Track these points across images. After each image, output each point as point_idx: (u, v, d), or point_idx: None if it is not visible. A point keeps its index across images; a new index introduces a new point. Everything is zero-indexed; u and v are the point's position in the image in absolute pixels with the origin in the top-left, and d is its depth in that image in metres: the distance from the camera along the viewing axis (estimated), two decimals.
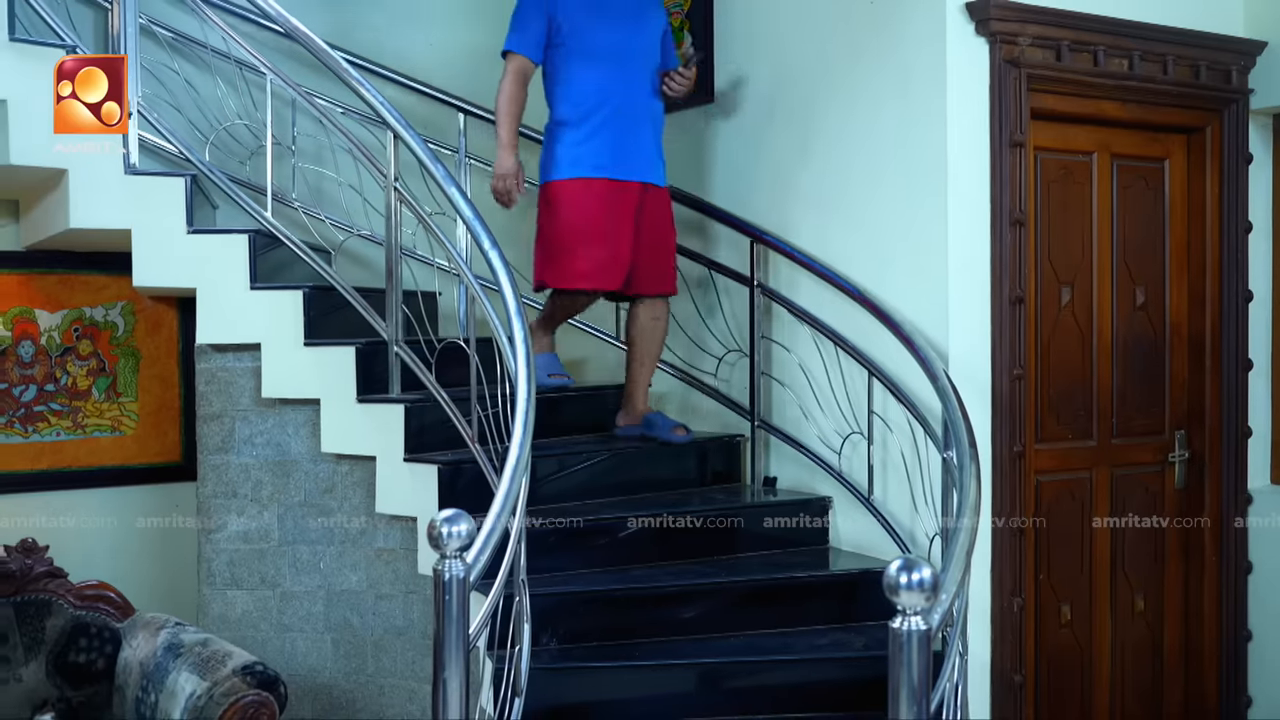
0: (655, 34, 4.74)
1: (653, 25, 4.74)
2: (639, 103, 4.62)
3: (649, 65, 4.68)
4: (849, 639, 4.08)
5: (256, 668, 3.16)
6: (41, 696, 3.50)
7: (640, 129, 4.60)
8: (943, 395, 3.92)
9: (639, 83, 4.63)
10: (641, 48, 4.67)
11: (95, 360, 5.20)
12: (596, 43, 4.55)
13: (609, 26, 4.58)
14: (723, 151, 5.18)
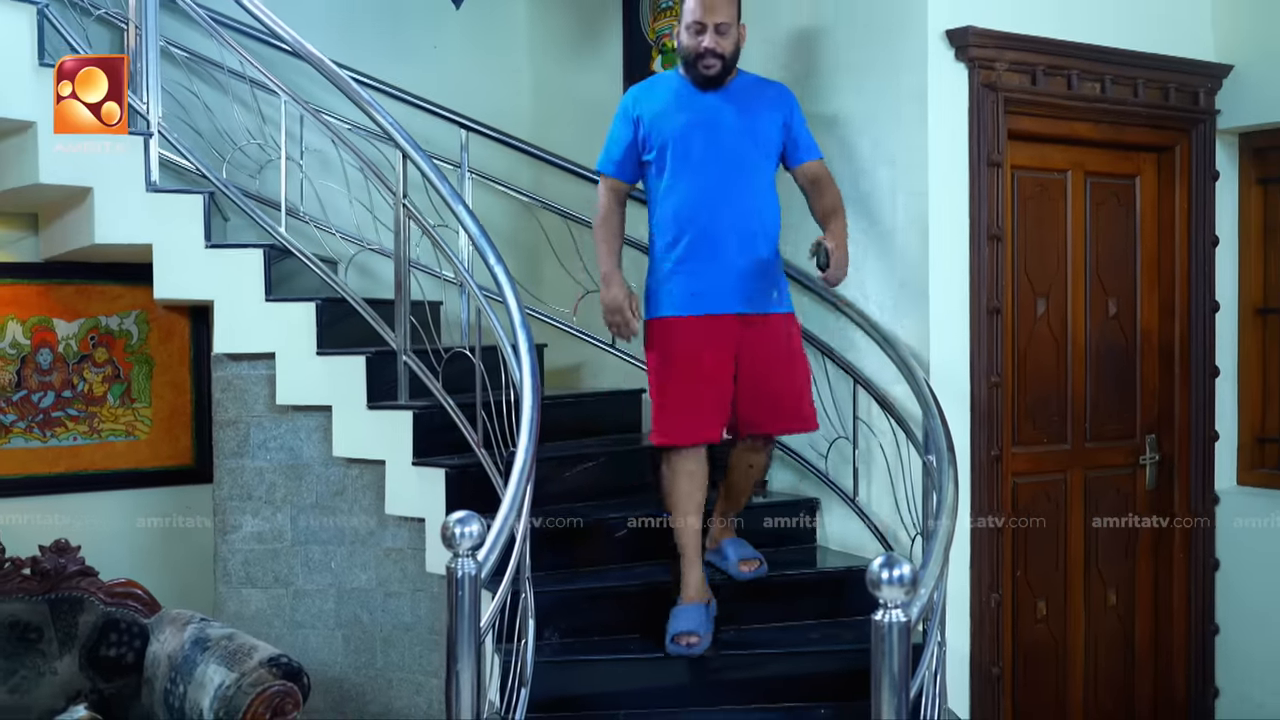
0: (765, 134, 4.09)
1: (762, 123, 4.09)
2: (735, 220, 4.01)
3: (753, 172, 4.06)
4: (837, 632, 4.29)
5: (281, 660, 3.37)
6: (75, 688, 3.70)
7: (734, 251, 4.00)
8: (923, 402, 4.14)
9: (737, 195, 4.02)
10: (741, 152, 4.04)
11: (110, 367, 5.39)
12: (681, 151, 4.01)
13: (698, 130, 4.02)
14: None
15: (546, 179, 5.92)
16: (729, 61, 4.02)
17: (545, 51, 6.31)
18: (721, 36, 3.96)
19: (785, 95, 4.18)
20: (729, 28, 3.98)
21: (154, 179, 4.49)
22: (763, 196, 4.08)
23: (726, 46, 3.98)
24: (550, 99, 6.28)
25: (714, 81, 4.02)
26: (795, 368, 4.16)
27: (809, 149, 4.17)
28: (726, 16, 3.97)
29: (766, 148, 4.09)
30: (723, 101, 4.05)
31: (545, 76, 6.32)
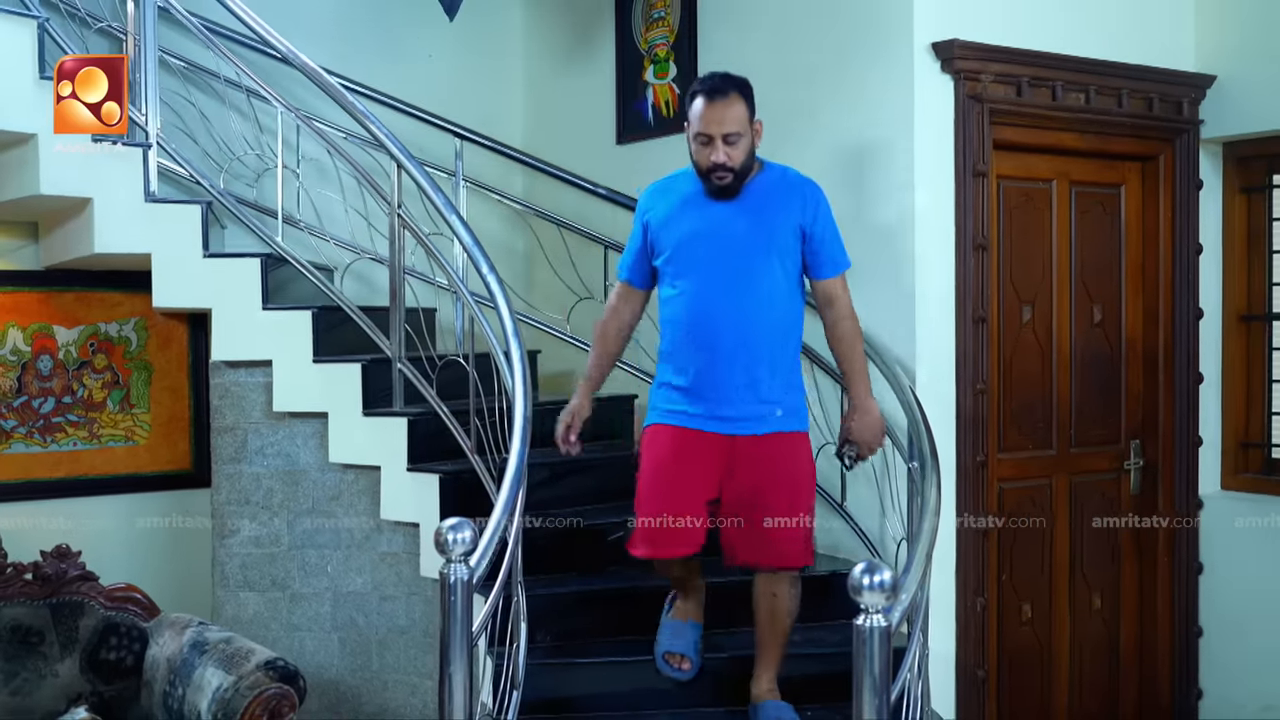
0: (781, 240, 3.68)
1: (778, 228, 3.69)
2: (734, 335, 3.65)
3: (763, 283, 3.67)
4: (822, 635, 4.33)
5: (278, 663, 3.44)
6: (76, 691, 3.76)
7: (730, 366, 3.66)
8: (908, 409, 4.21)
9: (740, 308, 3.65)
10: (749, 262, 3.66)
11: (110, 374, 5.46)
12: (685, 259, 3.72)
13: (703, 239, 3.69)
14: None
15: (539, 186, 5.99)
16: (744, 170, 3.65)
17: (539, 60, 6.38)
18: (731, 147, 3.59)
19: (809, 198, 3.71)
20: (739, 137, 3.59)
21: (152, 189, 4.56)
22: (773, 309, 3.68)
23: (737, 157, 3.61)
24: (543, 107, 6.35)
25: (727, 192, 3.67)
26: (795, 497, 3.73)
27: (828, 264, 3.72)
28: (736, 125, 3.59)
29: (783, 256, 3.67)
30: (735, 207, 3.68)
31: (538, 85, 6.38)
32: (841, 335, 3.75)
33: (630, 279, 3.95)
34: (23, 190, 4.45)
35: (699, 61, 5.46)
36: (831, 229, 3.73)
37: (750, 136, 3.64)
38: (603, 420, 5.41)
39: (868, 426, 3.72)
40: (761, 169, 3.75)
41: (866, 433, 3.70)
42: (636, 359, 5.40)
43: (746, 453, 3.70)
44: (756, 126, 3.68)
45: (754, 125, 3.67)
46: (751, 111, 3.66)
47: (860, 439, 3.69)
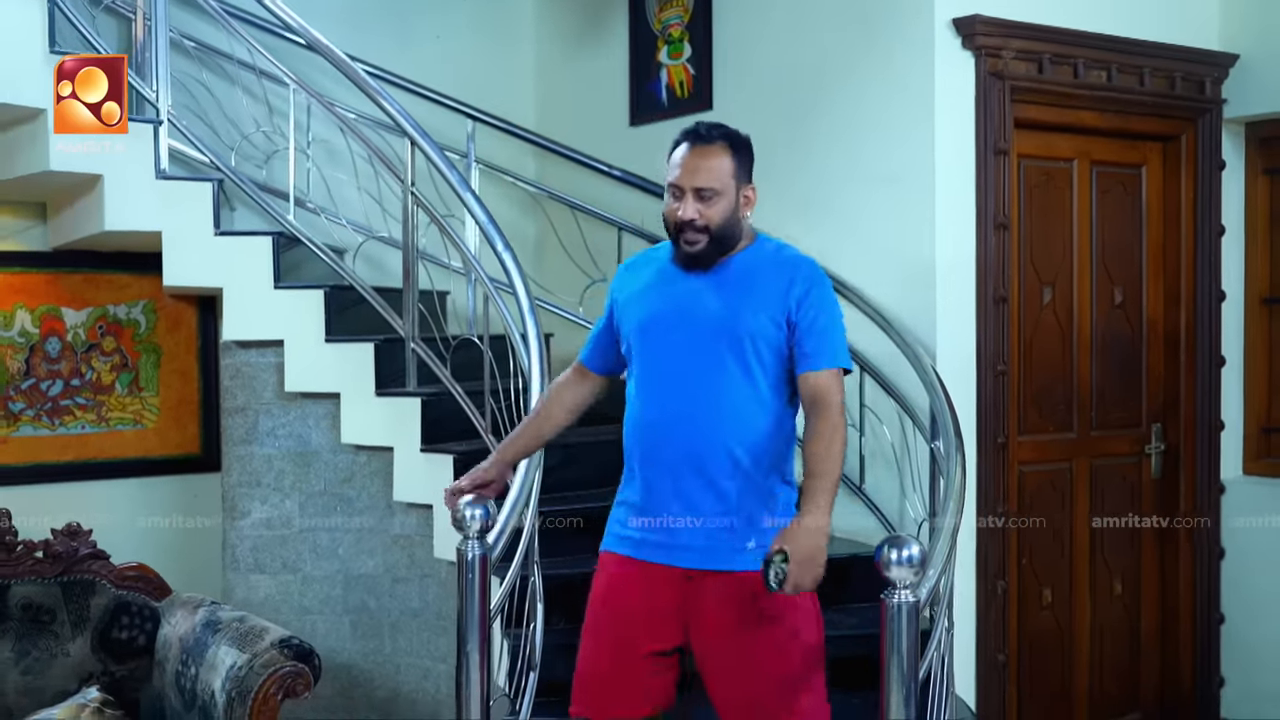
0: (757, 330, 2.96)
1: (755, 316, 2.97)
2: (692, 445, 2.96)
3: (728, 382, 2.96)
4: (841, 619, 4.28)
5: (293, 641, 3.39)
6: (87, 670, 3.72)
7: (685, 485, 2.97)
8: (930, 388, 4.15)
9: (701, 412, 2.96)
10: (715, 355, 2.97)
11: (118, 356, 5.41)
12: (644, 348, 3.07)
13: (665, 323, 3.04)
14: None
15: (551, 169, 5.95)
16: (720, 236, 2.96)
17: (550, 41, 6.32)
18: (704, 204, 2.94)
19: (799, 279, 2.98)
20: (715, 195, 2.95)
21: (163, 167, 4.51)
22: (741, 412, 2.95)
23: (713, 217, 2.94)
24: (555, 89, 6.29)
25: (698, 261, 2.99)
26: (779, 650, 2.98)
27: (814, 355, 2.93)
28: (713, 180, 2.95)
29: (758, 348, 2.95)
30: (707, 285, 3.00)
31: (550, 67, 6.32)
32: (821, 438, 2.85)
33: (586, 360, 3.35)
34: (33, 167, 4.40)
35: (714, 41, 5.41)
36: (826, 316, 2.96)
37: (733, 198, 2.97)
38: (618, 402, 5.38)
39: (807, 547, 2.71)
40: (752, 242, 3.07)
41: (801, 552, 2.69)
42: None
43: (712, 595, 2.96)
44: (748, 193, 3.02)
45: (743, 189, 3.01)
46: (742, 170, 3.02)
47: (795, 557, 2.68)
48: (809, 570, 2.72)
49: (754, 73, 5.24)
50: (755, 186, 3.07)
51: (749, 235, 3.08)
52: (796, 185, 4.99)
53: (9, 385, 5.20)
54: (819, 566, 2.74)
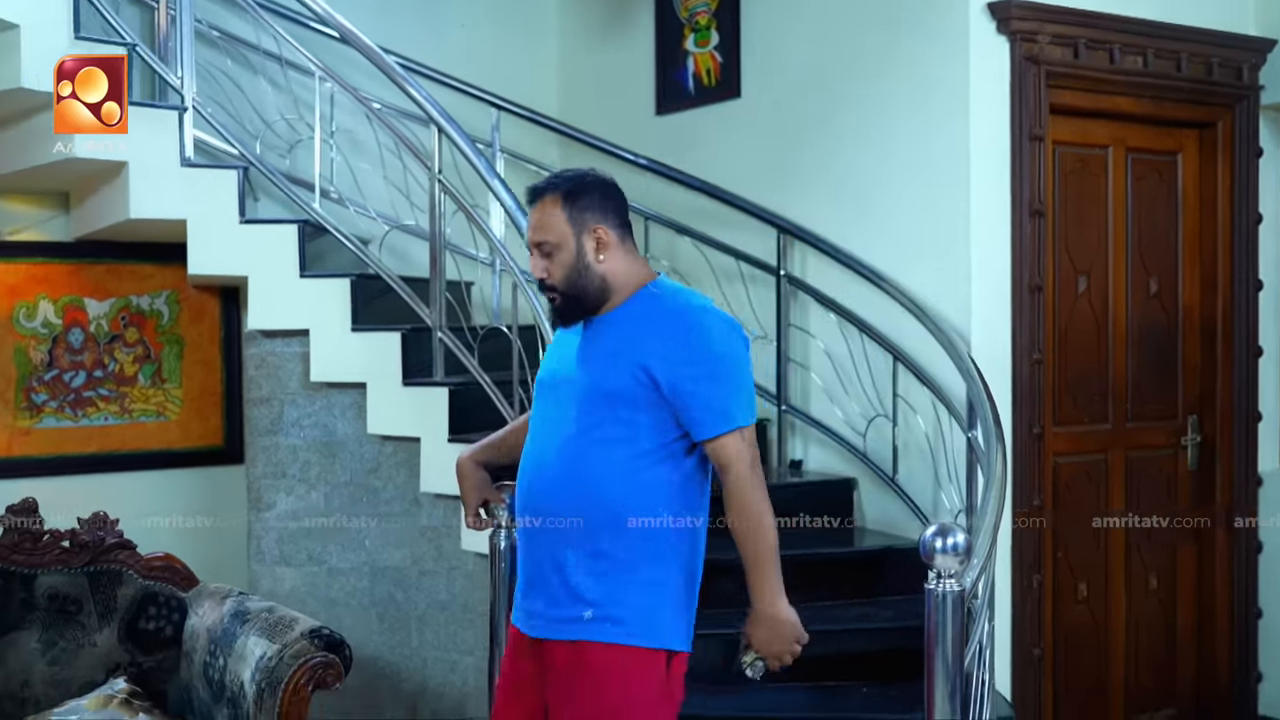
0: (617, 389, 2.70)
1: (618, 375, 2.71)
2: (546, 498, 2.77)
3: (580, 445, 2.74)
4: (876, 612, 4.25)
5: (324, 631, 3.33)
6: (115, 661, 3.66)
7: (542, 543, 2.78)
8: (967, 376, 4.08)
9: (554, 476, 2.77)
10: (571, 417, 2.76)
11: (141, 347, 5.36)
12: (534, 404, 2.95)
13: (552, 371, 2.89)
14: (750, 146, 5.33)
15: (576, 159, 5.87)
16: (570, 290, 2.76)
17: (575, 29, 6.26)
18: (549, 260, 2.76)
19: (672, 335, 2.68)
20: (556, 249, 2.74)
21: (188, 154, 4.46)
22: (588, 474, 2.71)
23: (554, 271, 2.76)
24: (579, 78, 6.24)
25: (563, 318, 2.83)
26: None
27: (700, 421, 2.67)
28: (548, 235, 2.75)
29: (617, 407, 2.70)
30: (585, 343, 2.80)
31: (574, 55, 6.27)
32: (729, 509, 2.71)
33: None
34: (55, 155, 4.34)
35: (742, 28, 5.36)
36: (707, 374, 2.66)
37: (574, 247, 2.73)
38: None
39: (775, 636, 2.73)
40: (637, 291, 2.77)
41: (775, 644, 2.73)
42: None
43: (551, 666, 2.76)
44: (599, 235, 2.73)
45: (586, 234, 2.74)
46: (579, 214, 2.74)
47: (768, 651, 2.74)
48: (786, 652, 2.78)
49: (783, 60, 5.18)
50: (608, 227, 2.74)
51: (635, 282, 2.77)
52: (828, 173, 4.95)
53: (32, 376, 5.15)
54: (794, 641, 2.77)
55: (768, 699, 4.00)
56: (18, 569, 3.66)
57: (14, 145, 4.58)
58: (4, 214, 5.12)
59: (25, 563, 3.67)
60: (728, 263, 5.26)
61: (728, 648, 4.09)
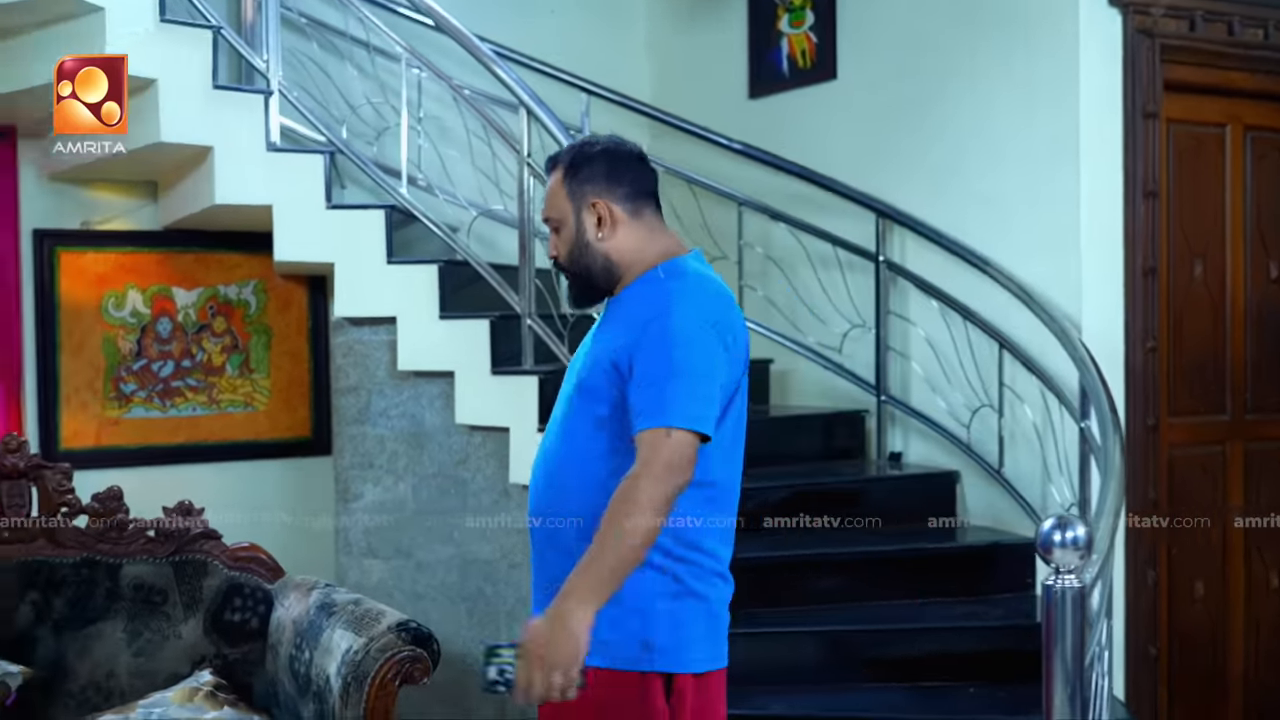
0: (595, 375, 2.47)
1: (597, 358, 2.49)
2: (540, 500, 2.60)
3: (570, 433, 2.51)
4: (982, 610, 4.10)
5: (410, 625, 3.23)
6: (200, 653, 3.60)
7: (538, 549, 2.63)
8: (1080, 364, 3.90)
9: (548, 463, 2.57)
10: (565, 404, 2.55)
11: (229, 337, 5.32)
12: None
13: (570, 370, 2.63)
14: (847, 129, 5.18)
15: (668, 146, 5.76)
16: (575, 269, 2.56)
17: (665, 12, 6.14)
18: (556, 237, 2.58)
19: (640, 316, 2.40)
20: (560, 225, 2.55)
21: (273, 139, 4.39)
22: (565, 481, 2.49)
23: (559, 248, 2.57)
24: (670, 62, 6.11)
25: (575, 300, 2.66)
26: None
27: (637, 412, 2.33)
28: (552, 210, 2.57)
29: (594, 400, 2.45)
30: (597, 328, 2.60)
31: (664, 39, 6.15)
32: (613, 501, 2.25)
33: None
34: (144, 139, 4.29)
35: (838, 7, 5.22)
36: (660, 360, 2.33)
37: (573, 223, 2.53)
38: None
39: (552, 643, 2.15)
40: (644, 274, 2.51)
41: (549, 652, 2.14)
42: (768, 319, 5.18)
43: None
44: (597, 209, 2.50)
45: (584, 208, 2.51)
46: (579, 187, 2.52)
47: (531, 655, 2.16)
48: (539, 672, 2.14)
49: (881, 39, 5.04)
50: (612, 201, 2.49)
51: (650, 260, 2.50)
52: (928, 156, 4.80)
53: (120, 366, 5.13)
54: (561, 656, 2.13)
55: (864, 699, 3.90)
56: (103, 558, 3.61)
57: None
58: (94, 203, 5.11)
59: (110, 552, 3.62)
60: (824, 249, 5.11)
61: (825, 646, 4.04)
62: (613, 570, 2.20)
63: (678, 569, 2.40)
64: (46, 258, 5.04)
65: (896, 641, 4.07)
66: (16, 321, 5.02)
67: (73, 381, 5.07)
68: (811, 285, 5.12)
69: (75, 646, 3.54)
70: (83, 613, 3.57)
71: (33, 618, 3.51)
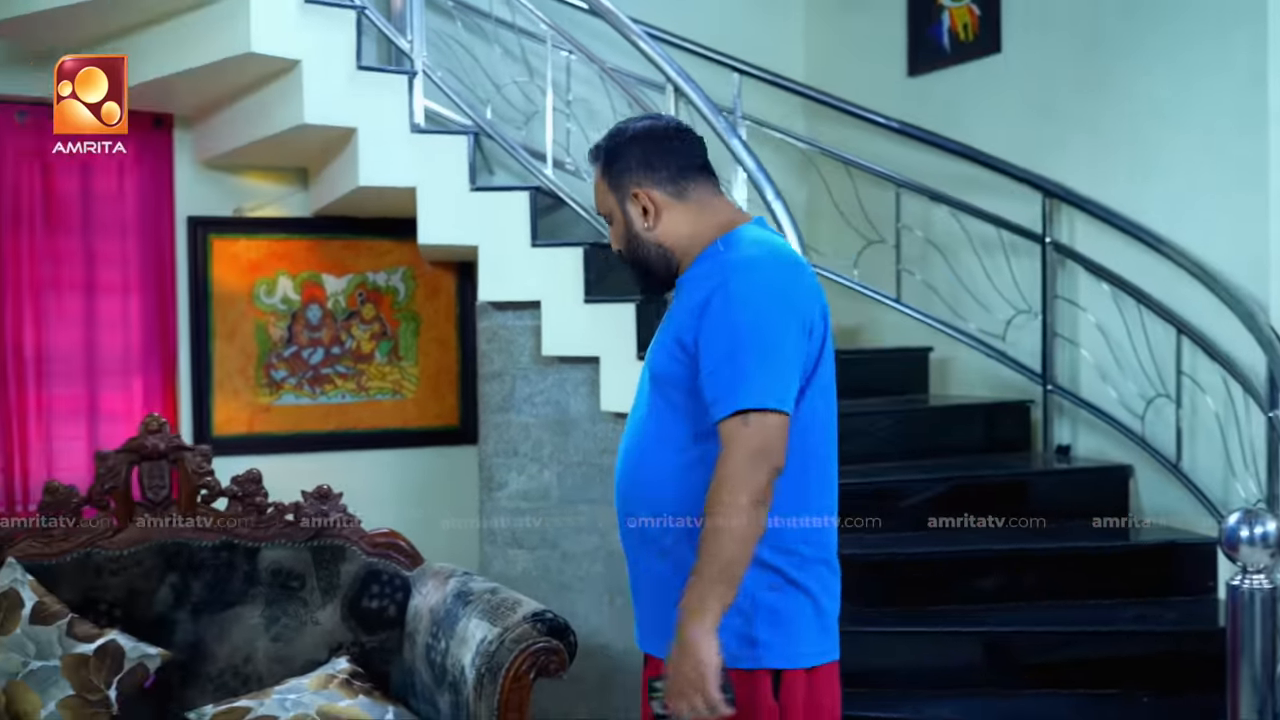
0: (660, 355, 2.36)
1: (661, 338, 2.39)
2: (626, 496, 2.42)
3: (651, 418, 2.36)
4: (1157, 613, 3.86)
5: (547, 615, 3.12)
6: (337, 640, 3.54)
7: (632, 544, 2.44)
8: (1268, 348, 3.65)
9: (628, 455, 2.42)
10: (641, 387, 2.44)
11: (378, 324, 5.30)
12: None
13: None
14: (1010, 105, 4.95)
15: (823, 128, 5.59)
16: (634, 260, 2.44)
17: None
18: (612, 230, 2.48)
19: (701, 297, 2.25)
20: (611, 220, 2.46)
21: (417, 120, 4.33)
22: (645, 471, 2.36)
23: (615, 241, 2.47)
24: (826, 41, 5.94)
25: (644, 291, 2.51)
26: None
27: (711, 401, 2.21)
28: (600, 205, 2.47)
29: (666, 392, 2.33)
30: (667, 313, 2.44)
31: (820, 16, 5.99)
32: (706, 507, 2.15)
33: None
34: (288, 121, 4.27)
35: None
36: (722, 341, 2.20)
37: (621, 214, 2.42)
38: (895, 375, 5.05)
39: (677, 670, 2.12)
40: (704, 250, 2.37)
41: (676, 679, 2.12)
42: (928, 304, 4.98)
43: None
44: (640, 199, 2.38)
45: (628, 198, 2.40)
46: (618, 178, 2.40)
47: (669, 684, 2.14)
48: (683, 701, 2.11)
49: (1049, 7, 4.79)
50: (652, 186, 2.36)
51: (710, 236, 2.36)
52: (1099, 131, 4.56)
53: (271, 353, 5.15)
54: (697, 692, 2.08)
55: (1028, 706, 3.75)
56: (241, 542, 3.57)
57: (249, 116, 4.53)
58: (246, 190, 5.14)
59: (249, 536, 3.58)
60: (987, 231, 4.88)
61: (986, 649, 3.82)
62: (722, 577, 2.11)
63: (777, 560, 2.25)
64: (200, 245, 5.08)
65: (1063, 645, 3.88)
66: (172, 309, 5.07)
67: (225, 368, 5.10)
68: (973, 269, 4.90)
69: (213, 630, 3.51)
70: (221, 596, 3.54)
71: (172, 600, 3.48)
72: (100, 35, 4.42)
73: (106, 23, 4.35)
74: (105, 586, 3.45)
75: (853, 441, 4.31)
